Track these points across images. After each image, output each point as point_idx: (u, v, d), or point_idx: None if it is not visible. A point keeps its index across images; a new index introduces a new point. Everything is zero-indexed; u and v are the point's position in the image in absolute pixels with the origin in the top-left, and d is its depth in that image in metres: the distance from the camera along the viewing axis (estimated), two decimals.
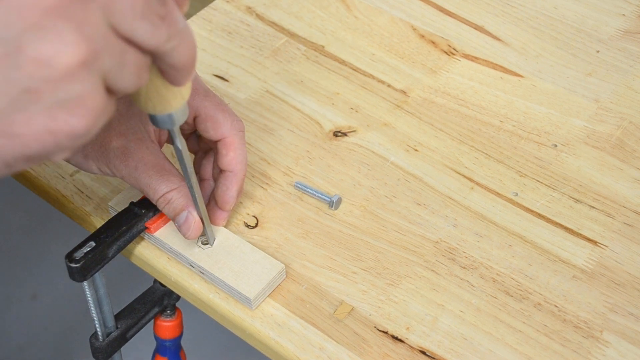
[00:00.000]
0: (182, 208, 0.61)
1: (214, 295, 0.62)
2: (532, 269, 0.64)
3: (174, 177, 0.61)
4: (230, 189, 0.64)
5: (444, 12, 0.85)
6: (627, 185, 0.70)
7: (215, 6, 0.85)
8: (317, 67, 0.80)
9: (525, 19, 0.85)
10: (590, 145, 0.73)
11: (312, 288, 0.63)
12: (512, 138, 0.74)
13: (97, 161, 0.61)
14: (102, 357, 0.67)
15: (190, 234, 0.61)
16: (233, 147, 0.64)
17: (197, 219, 0.61)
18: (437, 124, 0.75)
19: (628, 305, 0.62)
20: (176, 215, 0.61)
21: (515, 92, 0.78)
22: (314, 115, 0.75)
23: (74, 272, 0.60)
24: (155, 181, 0.60)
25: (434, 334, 0.60)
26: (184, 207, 0.61)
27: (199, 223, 0.61)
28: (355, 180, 0.70)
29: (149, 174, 0.60)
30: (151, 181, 0.60)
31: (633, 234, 0.67)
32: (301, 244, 0.66)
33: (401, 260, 0.65)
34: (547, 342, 0.60)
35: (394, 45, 0.82)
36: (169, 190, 0.61)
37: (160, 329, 0.73)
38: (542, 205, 0.69)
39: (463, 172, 0.71)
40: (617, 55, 0.81)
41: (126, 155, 0.60)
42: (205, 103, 0.63)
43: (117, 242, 0.62)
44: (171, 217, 0.62)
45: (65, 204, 0.68)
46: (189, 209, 0.61)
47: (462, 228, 0.67)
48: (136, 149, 0.60)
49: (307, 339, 0.60)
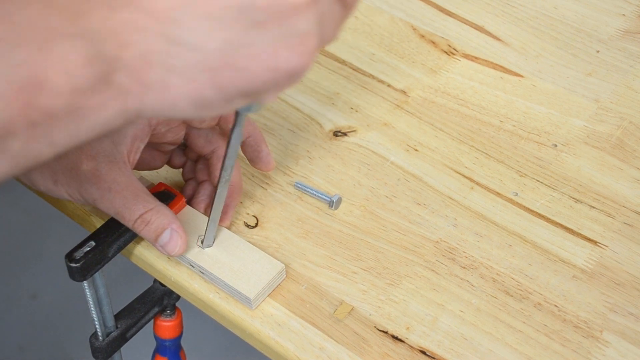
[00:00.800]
0: (164, 227, 0.59)
1: (214, 295, 0.62)
2: (532, 269, 0.64)
3: (150, 197, 0.60)
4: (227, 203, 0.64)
5: (444, 12, 0.85)
6: (627, 185, 0.70)
7: None
8: (317, 67, 0.79)
9: (525, 19, 0.85)
10: (590, 145, 0.73)
11: (312, 288, 0.63)
12: (512, 138, 0.74)
13: (67, 186, 0.59)
14: (102, 357, 0.67)
15: (177, 251, 0.60)
16: None
17: (182, 233, 0.59)
18: (437, 123, 0.75)
19: (628, 305, 0.62)
20: (158, 236, 0.59)
21: (515, 92, 0.78)
22: (314, 115, 0.75)
23: (74, 271, 0.60)
24: (131, 202, 0.59)
25: (434, 334, 0.60)
26: (165, 226, 0.59)
27: (184, 237, 0.60)
28: (355, 180, 0.70)
29: (123, 195, 0.58)
30: (126, 202, 0.58)
31: (633, 234, 0.67)
32: (301, 243, 0.66)
33: (401, 260, 0.65)
34: (547, 342, 0.60)
35: (394, 45, 0.82)
36: (146, 211, 0.59)
37: (160, 329, 0.73)
38: (542, 205, 0.69)
39: (463, 172, 0.71)
40: (617, 55, 0.81)
41: (98, 178, 0.58)
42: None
43: (117, 242, 0.62)
44: (151, 239, 0.60)
45: (65, 204, 0.68)
46: (172, 226, 0.59)
47: (462, 228, 0.67)
48: (108, 170, 0.59)
49: (307, 339, 0.60)
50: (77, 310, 1.58)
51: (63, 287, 1.60)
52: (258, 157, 0.66)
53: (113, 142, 0.60)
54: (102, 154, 0.59)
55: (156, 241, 0.60)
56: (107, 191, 0.59)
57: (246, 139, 0.65)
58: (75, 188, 0.59)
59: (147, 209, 0.59)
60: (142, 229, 0.59)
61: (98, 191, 0.59)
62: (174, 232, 0.59)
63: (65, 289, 1.60)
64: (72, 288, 1.00)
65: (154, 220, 0.59)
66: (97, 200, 0.59)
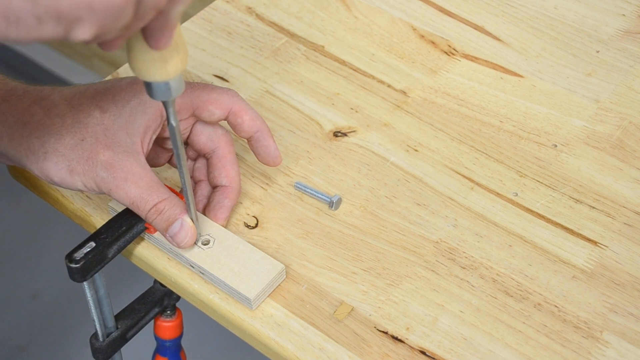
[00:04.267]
0: (176, 217, 0.61)
1: (214, 296, 0.62)
2: (532, 269, 0.64)
3: (163, 188, 0.61)
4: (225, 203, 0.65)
5: (444, 12, 0.85)
6: (627, 185, 0.70)
7: (215, 6, 0.85)
8: (317, 67, 0.80)
9: (525, 19, 0.85)
10: (590, 146, 0.73)
11: (312, 288, 0.63)
12: (512, 138, 0.74)
13: (83, 175, 0.60)
14: (102, 357, 0.67)
15: (186, 242, 0.61)
16: (227, 159, 0.65)
17: (192, 225, 0.61)
18: (437, 124, 0.75)
19: (628, 305, 0.62)
20: (169, 225, 0.61)
21: (515, 92, 0.78)
22: (314, 116, 0.75)
23: (74, 272, 0.60)
24: (146, 192, 0.60)
25: (434, 334, 0.60)
26: (177, 216, 0.61)
27: (194, 229, 0.61)
28: (355, 181, 0.70)
29: (139, 185, 0.60)
30: (142, 192, 0.60)
31: (633, 234, 0.67)
32: (301, 244, 0.66)
33: (401, 261, 0.65)
34: (547, 342, 0.60)
35: (394, 46, 0.82)
36: (160, 201, 0.60)
37: (160, 329, 0.73)
38: (542, 205, 0.69)
39: (463, 172, 0.71)
40: (617, 55, 0.81)
41: (114, 168, 0.60)
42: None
43: (117, 243, 0.62)
44: (162, 229, 0.61)
45: (65, 205, 0.68)
46: (182, 217, 0.61)
47: (462, 228, 0.67)
48: (124, 161, 0.60)
49: (307, 339, 0.60)
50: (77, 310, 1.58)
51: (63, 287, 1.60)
52: (266, 152, 0.66)
53: (127, 133, 0.61)
54: (117, 145, 0.61)
55: (167, 231, 0.61)
56: (123, 181, 0.60)
57: (254, 134, 0.66)
58: (92, 178, 0.60)
59: (161, 198, 0.60)
60: (154, 218, 0.61)
61: (114, 181, 0.60)
62: (184, 222, 0.61)
63: (65, 289, 1.60)
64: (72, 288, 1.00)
65: (166, 210, 0.61)
66: (113, 190, 0.60)
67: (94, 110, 0.62)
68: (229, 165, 0.66)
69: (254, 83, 0.78)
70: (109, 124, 0.61)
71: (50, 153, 0.60)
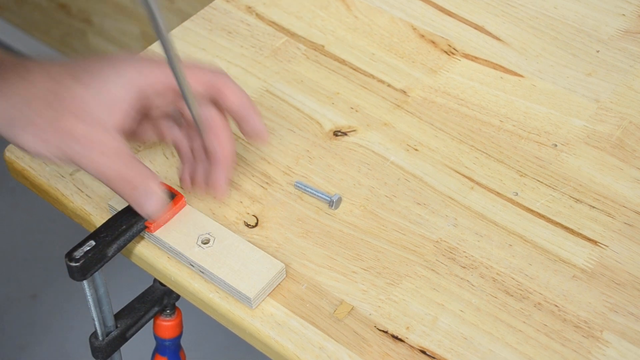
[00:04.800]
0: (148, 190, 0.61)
1: (214, 295, 0.62)
2: (532, 269, 0.64)
3: (137, 161, 0.61)
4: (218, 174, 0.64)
5: (444, 12, 0.85)
6: (627, 185, 0.70)
7: (215, 6, 0.85)
8: (317, 67, 0.80)
9: (525, 19, 0.85)
10: (591, 145, 0.73)
11: (312, 287, 0.63)
12: (512, 138, 0.74)
13: (56, 148, 0.60)
14: (101, 356, 0.67)
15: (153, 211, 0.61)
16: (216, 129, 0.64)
17: (162, 196, 0.62)
18: (437, 123, 0.75)
19: (628, 305, 0.62)
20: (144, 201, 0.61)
21: (515, 92, 0.78)
22: (314, 115, 0.75)
23: (73, 271, 0.60)
24: (121, 166, 0.60)
25: (434, 334, 0.60)
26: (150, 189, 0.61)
27: (164, 200, 0.62)
28: (355, 180, 0.70)
29: (113, 160, 0.60)
30: (115, 165, 0.60)
31: (633, 234, 0.67)
32: (301, 243, 0.66)
33: (401, 260, 0.65)
34: (547, 342, 0.60)
35: (394, 45, 0.82)
36: (135, 175, 0.60)
37: (160, 329, 0.73)
38: (542, 205, 0.69)
39: (463, 172, 0.71)
40: (617, 55, 0.81)
41: (92, 142, 0.60)
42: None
43: (117, 241, 0.62)
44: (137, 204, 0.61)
45: (65, 203, 0.68)
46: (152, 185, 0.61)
47: (462, 228, 0.67)
48: (98, 133, 0.60)
49: (307, 339, 0.60)
50: (77, 310, 1.58)
51: (63, 287, 1.61)
52: (248, 127, 0.65)
53: (102, 105, 0.61)
54: (96, 120, 0.60)
55: (140, 206, 0.61)
56: (97, 154, 0.60)
57: (237, 108, 0.64)
58: (64, 150, 0.60)
59: (135, 172, 0.60)
60: (129, 194, 0.61)
61: (90, 155, 0.60)
62: (153, 191, 0.61)
63: (65, 289, 1.61)
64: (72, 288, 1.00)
65: (139, 185, 0.60)
66: (85, 163, 0.60)
67: (69, 81, 0.61)
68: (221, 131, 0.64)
69: (254, 82, 0.78)
70: (83, 94, 0.61)
71: (24, 122, 0.60)
